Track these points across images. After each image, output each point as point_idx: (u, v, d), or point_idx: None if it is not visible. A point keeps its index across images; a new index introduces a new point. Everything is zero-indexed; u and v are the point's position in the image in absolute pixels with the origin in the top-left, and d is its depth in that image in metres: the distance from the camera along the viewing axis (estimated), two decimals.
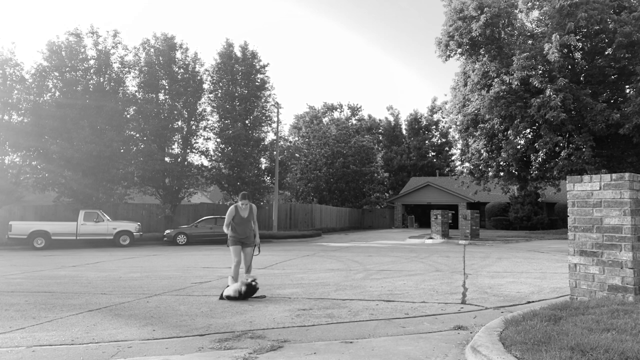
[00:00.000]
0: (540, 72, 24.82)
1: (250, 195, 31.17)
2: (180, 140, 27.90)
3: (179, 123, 27.51)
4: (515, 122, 25.23)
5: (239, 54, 29.27)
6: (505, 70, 25.28)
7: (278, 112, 30.53)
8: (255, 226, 7.81)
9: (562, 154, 24.15)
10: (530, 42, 26.28)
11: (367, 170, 47.86)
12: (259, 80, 29.49)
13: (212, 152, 28.94)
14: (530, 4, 26.92)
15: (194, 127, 28.16)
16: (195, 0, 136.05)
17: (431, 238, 23.18)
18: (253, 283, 6.85)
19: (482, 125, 27.17)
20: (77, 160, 22.36)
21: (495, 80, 25.33)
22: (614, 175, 5.03)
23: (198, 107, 28.18)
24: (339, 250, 17.36)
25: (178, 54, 27.39)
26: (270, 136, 31.33)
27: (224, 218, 27.03)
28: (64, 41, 24.13)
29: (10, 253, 18.12)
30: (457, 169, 49.34)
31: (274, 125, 30.47)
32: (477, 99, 26.46)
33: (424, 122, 63.75)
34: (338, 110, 67.03)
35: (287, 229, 31.16)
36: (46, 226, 21.01)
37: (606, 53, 24.30)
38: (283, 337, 4.66)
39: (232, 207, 7.60)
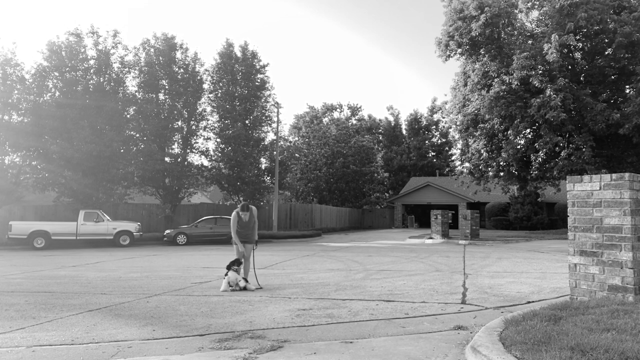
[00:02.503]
0: (540, 72, 24.82)
1: (250, 195, 30.98)
2: (180, 140, 27.90)
3: (179, 123, 27.52)
4: (515, 122, 25.24)
5: (239, 54, 29.28)
6: (505, 70, 25.29)
7: (278, 112, 30.56)
8: (255, 225, 8.62)
9: (562, 154, 24.15)
10: (530, 42, 26.28)
11: (367, 170, 47.86)
12: (259, 80, 29.50)
13: (212, 152, 28.96)
14: (530, 3, 26.93)
15: (194, 127, 28.17)
16: (195, 0, 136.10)
17: (431, 238, 23.18)
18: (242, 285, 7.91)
19: (482, 125, 27.17)
20: (77, 160, 22.36)
21: (495, 80, 25.33)
22: (614, 175, 5.03)
23: (198, 107, 28.19)
24: (339, 250, 17.36)
25: (178, 54, 27.40)
26: (270, 136, 31.36)
27: (224, 218, 27.01)
28: (64, 41, 24.14)
29: (10, 253, 18.12)
30: (457, 169, 49.34)
31: (274, 125, 30.49)
32: (477, 99, 26.47)
33: (424, 122, 63.76)
34: (338, 110, 67.05)
35: (287, 229, 31.16)
36: (46, 226, 21.00)
37: (606, 53, 24.31)
38: (283, 337, 4.66)
39: (234, 213, 8.41)
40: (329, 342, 4.44)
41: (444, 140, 62.41)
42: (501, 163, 27.33)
